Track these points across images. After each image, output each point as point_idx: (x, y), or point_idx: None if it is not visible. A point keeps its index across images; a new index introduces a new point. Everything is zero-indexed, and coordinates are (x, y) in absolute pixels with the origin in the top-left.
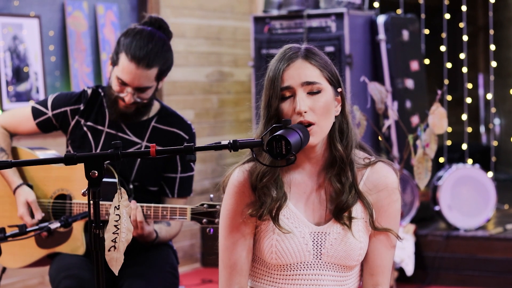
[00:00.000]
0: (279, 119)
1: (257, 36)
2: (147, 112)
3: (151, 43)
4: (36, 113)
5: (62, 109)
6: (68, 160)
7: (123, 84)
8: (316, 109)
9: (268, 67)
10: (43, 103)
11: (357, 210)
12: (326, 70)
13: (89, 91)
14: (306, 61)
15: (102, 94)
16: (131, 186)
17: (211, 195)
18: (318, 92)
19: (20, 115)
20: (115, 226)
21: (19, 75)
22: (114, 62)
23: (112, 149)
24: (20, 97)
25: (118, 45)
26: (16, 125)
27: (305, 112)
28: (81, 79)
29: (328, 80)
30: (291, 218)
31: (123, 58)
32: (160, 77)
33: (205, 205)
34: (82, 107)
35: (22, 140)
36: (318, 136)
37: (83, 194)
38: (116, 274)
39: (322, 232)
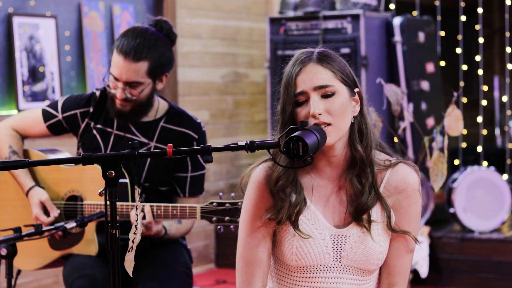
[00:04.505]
0: (294, 124)
1: (272, 37)
2: (145, 113)
3: (140, 38)
4: (46, 115)
5: (72, 112)
6: (85, 160)
7: (115, 79)
8: (332, 111)
9: (284, 73)
10: (54, 105)
11: (377, 213)
12: (339, 71)
13: (98, 93)
14: (318, 64)
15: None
16: (140, 188)
17: (220, 193)
18: (332, 94)
19: (30, 117)
20: (135, 226)
21: (35, 75)
22: (110, 61)
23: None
24: (36, 97)
25: (113, 44)
26: (26, 128)
27: (319, 114)
28: (97, 80)
29: (342, 81)
30: (312, 219)
31: (114, 53)
32: (153, 74)
33: (214, 203)
34: (91, 109)
35: (37, 140)
36: (334, 136)
37: (100, 194)
38: (131, 275)
39: (342, 235)
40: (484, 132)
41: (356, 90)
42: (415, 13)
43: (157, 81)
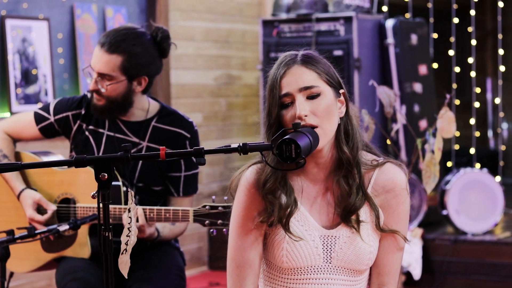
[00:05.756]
0: (279, 126)
1: (265, 40)
2: (121, 112)
3: (120, 33)
4: (38, 118)
5: (64, 114)
6: (78, 162)
7: (92, 70)
8: (317, 112)
9: (269, 76)
10: (46, 108)
11: (365, 213)
12: (324, 72)
13: (89, 95)
14: (302, 66)
15: None
16: (132, 189)
17: (213, 197)
18: (318, 95)
19: (22, 120)
20: (128, 228)
21: (28, 77)
22: None
23: (121, 151)
24: (29, 99)
25: None
26: (19, 131)
27: (305, 116)
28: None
29: (327, 82)
30: (302, 221)
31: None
32: (127, 72)
33: (207, 207)
34: (83, 111)
35: (30, 142)
36: (322, 139)
37: (93, 197)
38: (126, 277)
39: (331, 236)
40: (477, 134)
41: (341, 91)
42: (407, 15)
43: (134, 82)
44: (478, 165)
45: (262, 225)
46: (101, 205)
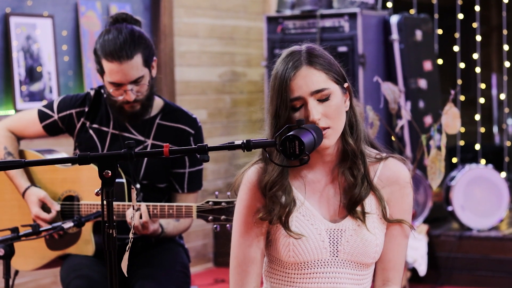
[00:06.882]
0: None
1: (270, 36)
2: (151, 105)
3: (121, 36)
4: (42, 116)
5: (68, 112)
6: (81, 160)
7: (118, 85)
8: (329, 114)
9: (273, 74)
10: (49, 106)
11: (371, 204)
12: (331, 71)
13: (92, 93)
14: (311, 67)
15: (105, 95)
16: (138, 186)
17: (216, 192)
18: (328, 97)
19: (26, 118)
20: (133, 226)
21: (32, 75)
22: (100, 72)
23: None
24: (34, 96)
25: (95, 55)
26: (22, 129)
27: (318, 119)
28: (94, 79)
29: (334, 81)
30: (307, 215)
31: (105, 63)
32: (147, 63)
33: (210, 203)
34: (86, 109)
35: (34, 140)
36: (333, 138)
37: (97, 194)
38: (126, 274)
39: (337, 229)
40: (482, 130)
41: (345, 85)
42: (412, 11)
43: (151, 69)
44: (483, 161)
45: (263, 223)
46: (105, 202)
